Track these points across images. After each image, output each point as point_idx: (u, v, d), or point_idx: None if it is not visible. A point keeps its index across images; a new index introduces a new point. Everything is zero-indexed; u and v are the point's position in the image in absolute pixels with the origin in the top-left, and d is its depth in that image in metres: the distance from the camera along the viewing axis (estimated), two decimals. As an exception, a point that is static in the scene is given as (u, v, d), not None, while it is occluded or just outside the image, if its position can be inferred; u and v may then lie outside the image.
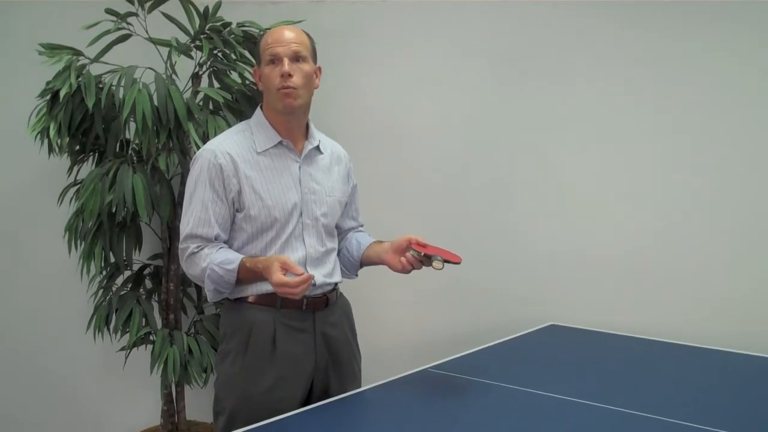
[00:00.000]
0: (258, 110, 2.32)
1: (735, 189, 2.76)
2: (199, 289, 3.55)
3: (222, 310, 2.37)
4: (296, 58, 2.19)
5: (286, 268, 2.06)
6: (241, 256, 2.18)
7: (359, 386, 2.39)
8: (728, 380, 2.40)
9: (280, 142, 2.26)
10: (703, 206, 2.81)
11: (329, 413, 2.11)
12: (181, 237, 2.21)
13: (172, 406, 3.47)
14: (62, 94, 2.95)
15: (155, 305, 3.43)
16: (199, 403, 3.65)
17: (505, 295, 3.15)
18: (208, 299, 2.23)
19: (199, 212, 2.18)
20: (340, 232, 2.47)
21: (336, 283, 2.37)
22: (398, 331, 3.29)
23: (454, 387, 2.30)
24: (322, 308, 2.29)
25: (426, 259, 2.20)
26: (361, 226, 2.56)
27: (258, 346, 2.21)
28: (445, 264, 2.18)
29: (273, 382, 2.21)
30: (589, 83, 2.96)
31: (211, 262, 2.16)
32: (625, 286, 2.95)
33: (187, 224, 2.20)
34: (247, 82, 3.23)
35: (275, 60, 2.18)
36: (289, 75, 2.17)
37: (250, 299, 2.23)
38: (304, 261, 2.26)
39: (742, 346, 2.66)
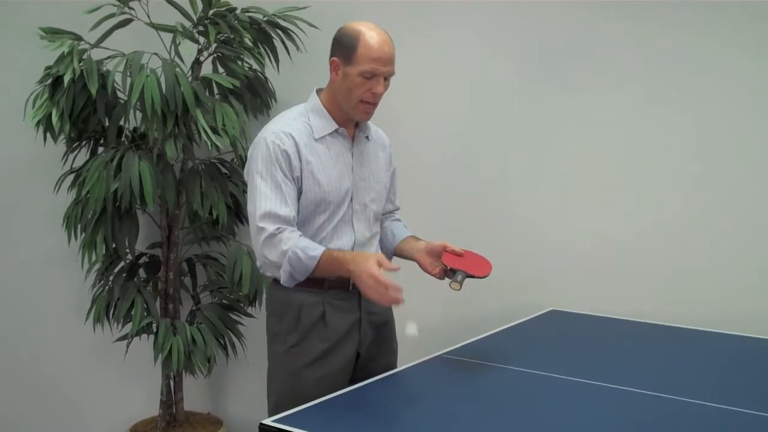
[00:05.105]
0: (314, 95, 2.32)
1: (735, 177, 2.80)
2: (195, 278, 3.51)
3: (268, 293, 2.38)
4: (387, 78, 2.23)
5: (381, 263, 2.09)
6: (323, 247, 2.20)
7: (396, 365, 2.46)
8: (725, 360, 2.49)
9: (336, 130, 2.29)
10: (702, 193, 2.86)
11: (352, 395, 2.12)
12: (258, 216, 2.17)
13: (170, 397, 3.43)
14: (66, 79, 2.89)
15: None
16: (197, 394, 3.63)
17: (506, 282, 3.15)
18: (282, 281, 2.22)
19: (273, 192, 2.18)
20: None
21: None
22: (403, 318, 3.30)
23: (467, 371, 2.36)
24: None
25: (450, 273, 2.29)
26: (398, 209, 2.62)
27: (308, 324, 2.26)
28: (468, 279, 2.28)
29: (321, 353, 2.26)
30: (595, 78, 2.97)
31: (295, 245, 2.16)
32: (623, 273, 2.98)
33: (262, 204, 2.18)
34: (253, 68, 3.21)
35: (372, 76, 2.19)
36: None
37: None
38: (352, 246, 2.30)
39: (739, 328, 2.73)
